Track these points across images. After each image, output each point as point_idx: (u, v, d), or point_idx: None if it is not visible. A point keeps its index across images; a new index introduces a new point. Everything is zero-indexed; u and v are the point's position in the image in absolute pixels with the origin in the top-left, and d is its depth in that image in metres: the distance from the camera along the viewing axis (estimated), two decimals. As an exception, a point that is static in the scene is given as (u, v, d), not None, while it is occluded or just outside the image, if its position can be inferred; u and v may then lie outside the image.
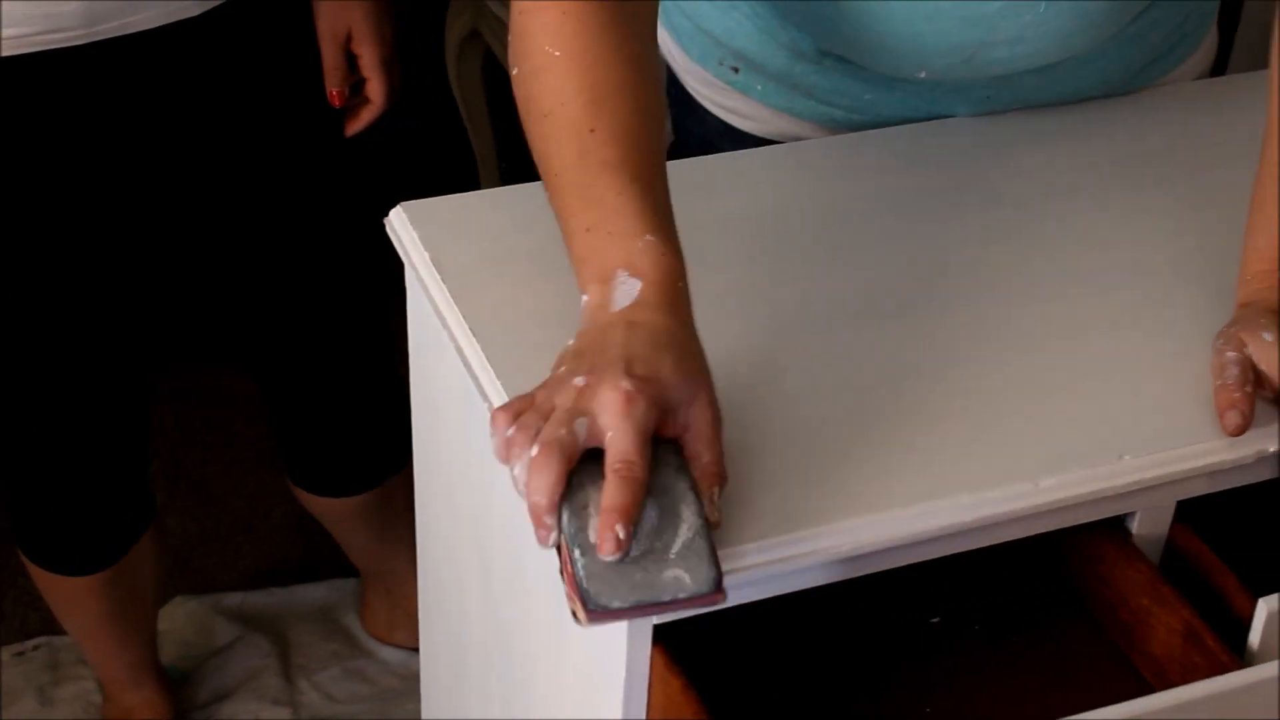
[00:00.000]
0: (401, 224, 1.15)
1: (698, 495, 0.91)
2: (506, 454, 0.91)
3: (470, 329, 1.06)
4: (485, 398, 1.04)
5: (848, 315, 1.09)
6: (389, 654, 1.94)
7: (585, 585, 0.87)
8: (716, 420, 0.93)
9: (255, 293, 1.61)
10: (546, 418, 0.90)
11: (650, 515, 0.89)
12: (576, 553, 0.88)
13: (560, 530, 0.89)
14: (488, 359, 1.04)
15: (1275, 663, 0.95)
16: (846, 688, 1.02)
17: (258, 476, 2.05)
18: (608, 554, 0.87)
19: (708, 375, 0.94)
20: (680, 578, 0.88)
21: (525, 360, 1.04)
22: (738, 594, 0.95)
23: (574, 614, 0.88)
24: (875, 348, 1.07)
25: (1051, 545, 1.07)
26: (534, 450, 0.89)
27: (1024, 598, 1.08)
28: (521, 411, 0.92)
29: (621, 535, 0.87)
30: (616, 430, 0.89)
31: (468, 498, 1.17)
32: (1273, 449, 1.03)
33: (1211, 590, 1.03)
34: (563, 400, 0.91)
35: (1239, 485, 1.05)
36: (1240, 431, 1.01)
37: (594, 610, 0.87)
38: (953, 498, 0.97)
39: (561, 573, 0.90)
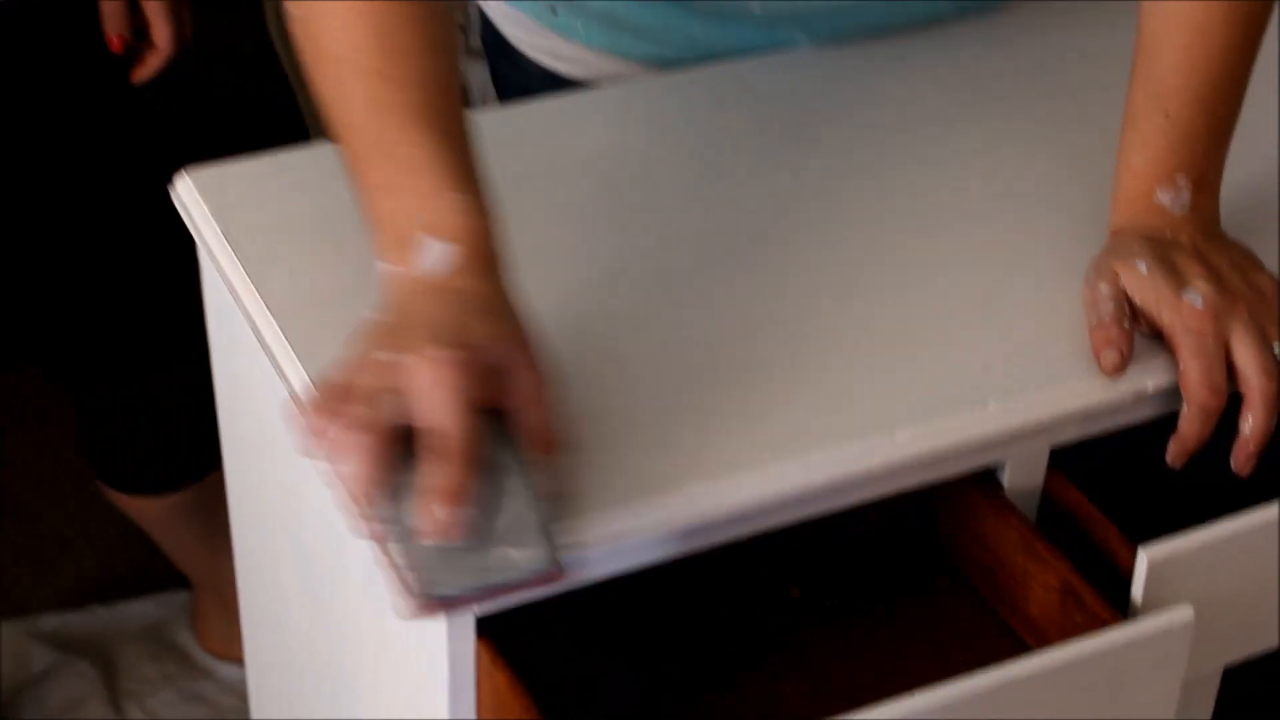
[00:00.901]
0: (189, 193, 1.11)
1: (524, 467, 0.88)
2: (316, 444, 0.87)
3: (266, 306, 1.03)
4: (285, 379, 1.00)
5: (685, 267, 1.06)
6: (228, 671, 1.89)
7: (407, 573, 0.85)
8: (540, 384, 0.90)
9: (53, 275, 1.56)
10: (352, 401, 0.87)
11: (476, 493, 0.86)
12: (397, 541, 0.86)
13: (380, 519, 0.87)
14: (286, 338, 1.01)
15: (1157, 616, 0.93)
16: (695, 673, 0.99)
17: (76, 489, 1.99)
18: (430, 538, 0.85)
19: (527, 337, 0.91)
20: (509, 556, 0.86)
21: (328, 338, 1.00)
22: (568, 578, 0.92)
23: (399, 608, 0.86)
24: (717, 300, 1.04)
25: (919, 503, 1.05)
26: (343, 434, 0.86)
27: (890, 562, 1.06)
28: (325, 400, 0.88)
29: (441, 517, 0.84)
30: (429, 403, 0.86)
31: (280, 490, 1.13)
32: (1151, 387, 1.02)
33: (1091, 543, 1.01)
34: (368, 379, 0.88)
35: (1116, 428, 1.03)
36: (1119, 371, 1.00)
37: (422, 600, 0.85)
38: (802, 457, 0.94)
39: (383, 564, 0.87)
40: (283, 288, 1.04)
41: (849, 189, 1.13)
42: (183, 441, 1.68)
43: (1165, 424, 1.03)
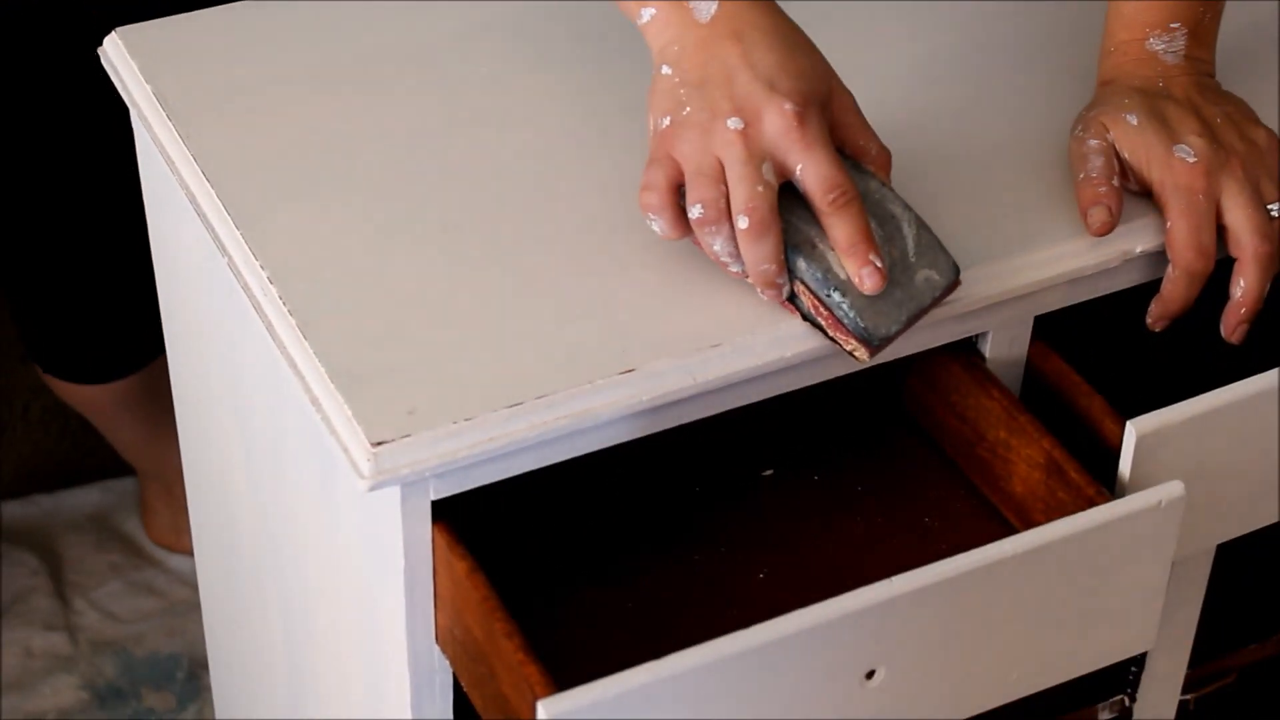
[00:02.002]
0: (118, 53, 1.08)
1: (889, 189, 0.93)
2: (698, 231, 0.91)
3: (202, 171, 1.00)
4: (225, 253, 0.98)
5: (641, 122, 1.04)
6: (178, 561, 1.87)
7: (861, 324, 0.91)
8: (855, 102, 0.95)
9: None
10: (717, 177, 0.90)
11: (874, 229, 0.91)
12: (836, 295, 0.91)
13: (795, 280, 0.91)
14: (223, 205, 0.98)
15: (1146, 493, 0.91)
16: (668, 557, 0.98)
17: (11, 369, 1.94)
18: (873, 289, 0.90)
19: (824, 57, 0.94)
20: (930, 276, 0.92)
21: (268, 206, 0.98)
22: (527, 458, 0.90)
23: (852, 354, 0.92)
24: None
25: (896, 376, 1.03)
26: (742, 222, 0.89)
27: (868, 439, 1.04)
28: (676, 180, 0.91)
29: (880, 264, 0.90)
30: (808, 161, 0.90)
31: (224, 367, 1.11)
32: (1139, 250, 0.99)
33: (1077, 419, 0.99)
34: (729, 152, 0.90)
35: (1102, 294, 1.01)
36: (1107, 230, 0.98)
37: (878, 344, 0.91)
38: (771, 329, 0.92)
39: (813, 321, 0.92)
40: (219, 150, 1.01)
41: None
42: (124, 326, 1.65)
43: (1154, 294, 1.01)
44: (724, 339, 0.92)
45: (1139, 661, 1.08)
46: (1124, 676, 1.10)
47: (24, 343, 1.69)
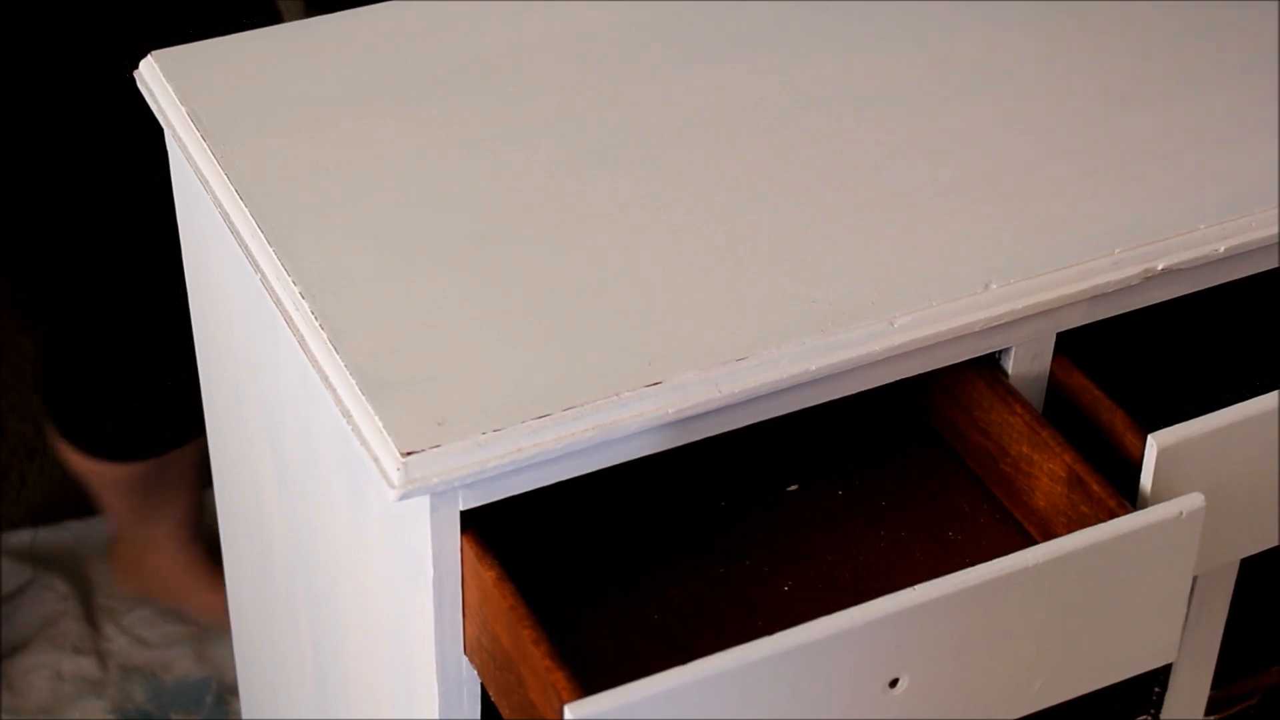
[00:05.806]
0: (153, 76, 1.10)
1: None
2: None
3: (235, 189, 1.02)
4: (258, 268, 1.00)
5: (670, 145, 1.05)
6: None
7: None
8: None
9: (23, 203, 1.55)
10: None
11: None
12: None
13: None
14: (257, 223, 1.00)
15: (1167, 504, 0.93)
16: (693, 569, 0.99)
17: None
18: None
19: None
20: None
21: (300, 223, 1.00)
22: (555, 469, 0.92)
23: None
24: (705, 181, 1.03)
25: (920, 392, 1.04)
26: None
27: (892, 454, 1.05)
28: None
29: None
30: None
31: (254, 385, 1.12)
32: (1160, 267, 1.01)
33: (1099, 434, 1.00)
34: None
35: (1124, 312, 1.02)
36: None
37: None
38: (797, 343, 0.94)
39: None
40: (251, 169, 1.03)
41: (846, 65, 1.12)
42: (153, 413, 1.65)
43: (1177, 309, 1.02)
44: (749, 352, 0.93)
45: (1163, 681, 1.09)
46: (1148, 696, 1.10)
47: (49, 410, 1.68)
